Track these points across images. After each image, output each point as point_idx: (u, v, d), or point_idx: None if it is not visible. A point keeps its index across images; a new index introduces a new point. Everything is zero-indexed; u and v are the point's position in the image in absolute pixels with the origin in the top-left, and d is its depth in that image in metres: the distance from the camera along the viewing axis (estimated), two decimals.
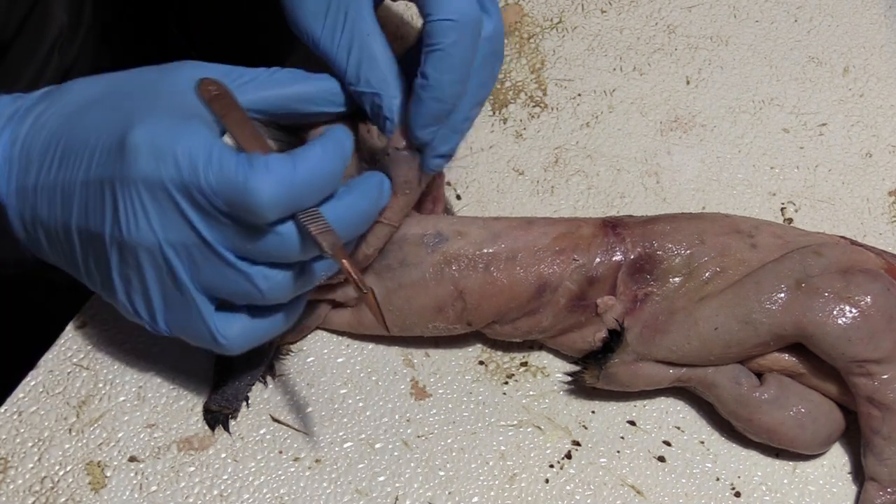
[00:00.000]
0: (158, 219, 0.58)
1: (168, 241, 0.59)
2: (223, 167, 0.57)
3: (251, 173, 0.56)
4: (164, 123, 0.58)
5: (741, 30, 0.86)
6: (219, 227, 0.58)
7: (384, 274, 0.68)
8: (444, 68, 0.62)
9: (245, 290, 0.60)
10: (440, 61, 0.62)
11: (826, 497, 0.68)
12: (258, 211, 0.57)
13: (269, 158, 0.57)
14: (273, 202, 0.56)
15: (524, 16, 0.86)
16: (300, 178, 0.57)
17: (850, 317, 0.64)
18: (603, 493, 0.67)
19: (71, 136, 0.60)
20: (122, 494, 0.67)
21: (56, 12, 0.83)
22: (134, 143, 0.58)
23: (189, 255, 0.59)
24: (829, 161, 0.80)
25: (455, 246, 0.68)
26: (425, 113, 0.63)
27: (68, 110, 0.61)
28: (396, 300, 0.68)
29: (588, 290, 0.68)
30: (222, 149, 0.57)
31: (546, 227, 0.68)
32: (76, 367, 0.71)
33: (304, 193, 0.58)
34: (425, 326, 0.69)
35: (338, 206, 0.60)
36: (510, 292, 0.67)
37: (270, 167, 0.56)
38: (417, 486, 0.68)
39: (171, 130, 0.58)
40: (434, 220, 0.69)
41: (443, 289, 0.67)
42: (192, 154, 0.57)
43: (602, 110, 0.82)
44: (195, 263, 0.59)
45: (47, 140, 0.61)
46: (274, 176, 0.56)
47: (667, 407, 0.70)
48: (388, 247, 0.68)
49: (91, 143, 0.60)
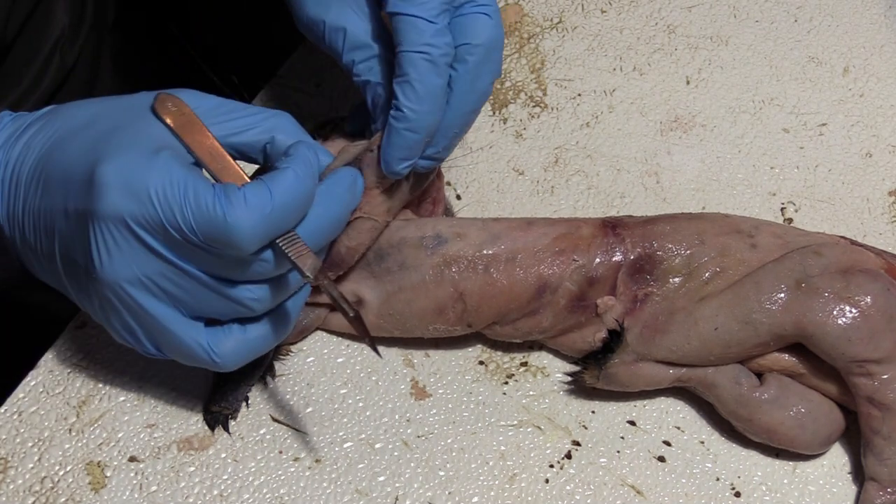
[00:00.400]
0: (131, 254, 0.58)
1: (142, 276, 0.58)
2: (200, 204, 0.56)
3: (230, 209, 0.56)
4: (134, 158, 0.58)
5: (741, 30, 0.86)
6: (195, 257, 0.58)
7: (384, 277, 0.68)
8: (415, 99, 0.62)
9: (231, 309, 0.60)
10: (411, 92, 0.62)
11: (826, 497, 0.68)
12: (240, 245, 0.57)
13: (246, 191, 0.57)
14: (254, 235, 0.57)
15: (524, 16, 0.86)
16: (278, 206, 0.57)
17: (850, 317, 0.64)
18: (603, 493, 0.67)
19: (52, 164, 0.60)
20: (122, 494, 0.67)
21: (58, 13, 0.83)
22: (104, 179, 0.57)
23: (167, 285, 0.59)
24: (829, 161, 0.80)
25: (455, 248, 0.67)
26: (399, 144, 0.63)
27: (54, 137, 0.61)
28: (396, 303, 0.68)
29: (588, 290, 0.68)
30: (197, 183, 0.57)
31: (546, 228, 0.68)
32: (76, 367, 0.71)
33: (282, 220, 0.58)
34: (425, 328, 0.69)
35: (311, 217, 0.60)
36: (510, 293, 0.67)
37: (248, 201, 0.57)
38: (417, 486, 0.68)
39: (143, 166, 0.57)
40: (433, 222, 0.69)
41: (443, 291, 0.67)
42: (167, 191, 0.57)
43: (602, 110, 0.82)
44: (175, 292, 0.59)
45: (34, 165, 0.61)
46: (253, 210, 0.57)
47: (667, 407, 0.70)
48: (388, 250, 0.68)
49: (68, 174, 0.59)
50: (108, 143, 0.59)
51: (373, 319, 0.69)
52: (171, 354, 0.62)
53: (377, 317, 0.69)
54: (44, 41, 0.83)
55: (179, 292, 0.59)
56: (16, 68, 0.81)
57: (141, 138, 0.59)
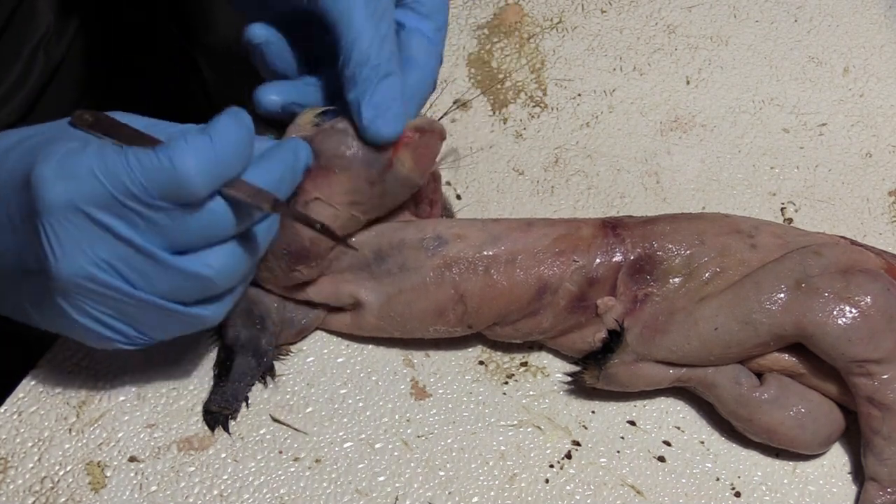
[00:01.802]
0: (85, 238, 0.57)
1: (100, 259, 0.58)
2: (143, 161, 0.56)
3: (174, 154, 0.56)
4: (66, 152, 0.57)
5: (741, 30, 0.86)
6: (150, 228, 0.58)
7: (384, 279, 0.68)
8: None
9: (191, 285, 0.60)
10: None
11: (826, 497, 0.68)
12: (192, 187, 0.56)
13: (185, 133, 0.57)
14: (203, 174, 0.56)
15: (524, 16, 0.86)
16: (219, 147, 0.57)
17: (850, 317, 0.64)
18: (603, 493, 0.67)
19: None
20: (122, 494, 0.67)
21: (42, 11, 0.83)
22: (42, 176, 0.57)
23: (123, 267, 0.58)
24: (829, 161, 0.80)
25: (455, 249, 0.67)
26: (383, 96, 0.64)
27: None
28: (397, 305, 0.68)
29: (588, 291, 0.68)
30: (131, 150, 0.57)
31: (546, 229, 0.68)
32: (76, 367, 0.71)
33: (226, 161, 0.58)
34: (426, 330, 0.69)
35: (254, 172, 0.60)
36: (510, 295, 0.67)
37: (190, 143, 0.56)
38: (417, 486, 0.68)
39: (77, 154, 0.57)
40: (433, 224, 0.69)
41: (443, 292, 0.67)
42: (108, 165, 0.56)
43: (602, 110, 0.82)
44: (132, 275, 0.59)
45: None
46: (197, 150, 0.56)
47: (667, 407, 0.70)
48: (388, 251, 0.68)
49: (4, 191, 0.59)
50: (39, 152, 0.58)
51: (373, 321, 0.69)
52: (151, 329, 0.61)
53: (377, 318, 0.69)
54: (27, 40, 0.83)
55: (136, 274, 0.58)
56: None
57: (68, 141, 0.59)
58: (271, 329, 0.69)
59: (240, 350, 0.69)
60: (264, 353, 0.69)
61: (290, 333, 0.70)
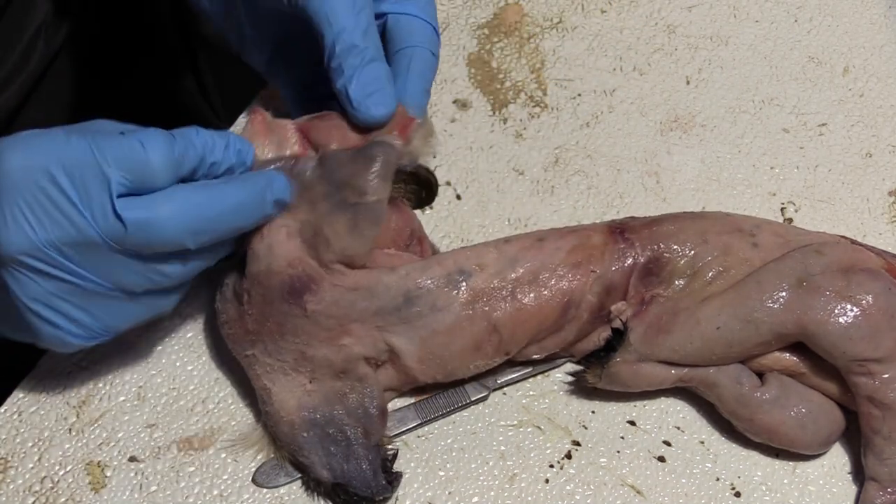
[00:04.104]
0: (36, 219, 0.57)
1: (60, 243, 0.58)
2: (115, 145, 0.57)
3: (142, 135, 0.57)
4: (33, 132, 0.58)
5: (741, 30, 0.86)
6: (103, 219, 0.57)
7: (415, 322, 0.65)
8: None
9: (146, 275, 0.60)
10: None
11: (826, 497, 0.68)
12: (154, 164, 0.57)
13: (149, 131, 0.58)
14: (166, 155, 0.57)
15: (524, 16, 0.86)
16: (181, 143, 0.58)
17: (851, 316, 0.64)
18: (603, 493, 0.67)
19: None
20: (122, 494, 0.67)
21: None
22: (2, 145, 0.57)
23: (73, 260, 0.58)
24: (829, 161, 0.80)
25: (479, 280, 0.66)
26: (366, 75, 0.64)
27: None
28: (433, 346, 0.66)
29: (606, 299, 0.67)
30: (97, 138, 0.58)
31: (558, 242, 0.68)
32: (76, 367, 0.71)
33: (187, 151, 0.59)
34: (467, 368, 0.67)
35: (212, 189, 0.60)
36: (539, 314, 0.66)
37: (154, 134, 0.58)
38: (417, 486, 0.68)
39: (40, 133, 0.58)
40: (450, 258, 0.67)
41: (477, 326, 0.66)
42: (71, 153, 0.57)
43: (602, 110, 0.82)
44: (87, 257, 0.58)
45: None
46: (161, 135, 0.58)
47: (667, 407, 0.70)
48: (416, 293, 0.65)
49: None
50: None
51: (415, 366, 0.66)
52: (107, 314, 0.61)
53: (419, 362, 0.66)
54: (25, 28, 0.83)
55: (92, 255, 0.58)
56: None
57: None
58: (355, 438, 0.66)
59: (345, 479, 0.66)
60: (366, 460, 0.66)
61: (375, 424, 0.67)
